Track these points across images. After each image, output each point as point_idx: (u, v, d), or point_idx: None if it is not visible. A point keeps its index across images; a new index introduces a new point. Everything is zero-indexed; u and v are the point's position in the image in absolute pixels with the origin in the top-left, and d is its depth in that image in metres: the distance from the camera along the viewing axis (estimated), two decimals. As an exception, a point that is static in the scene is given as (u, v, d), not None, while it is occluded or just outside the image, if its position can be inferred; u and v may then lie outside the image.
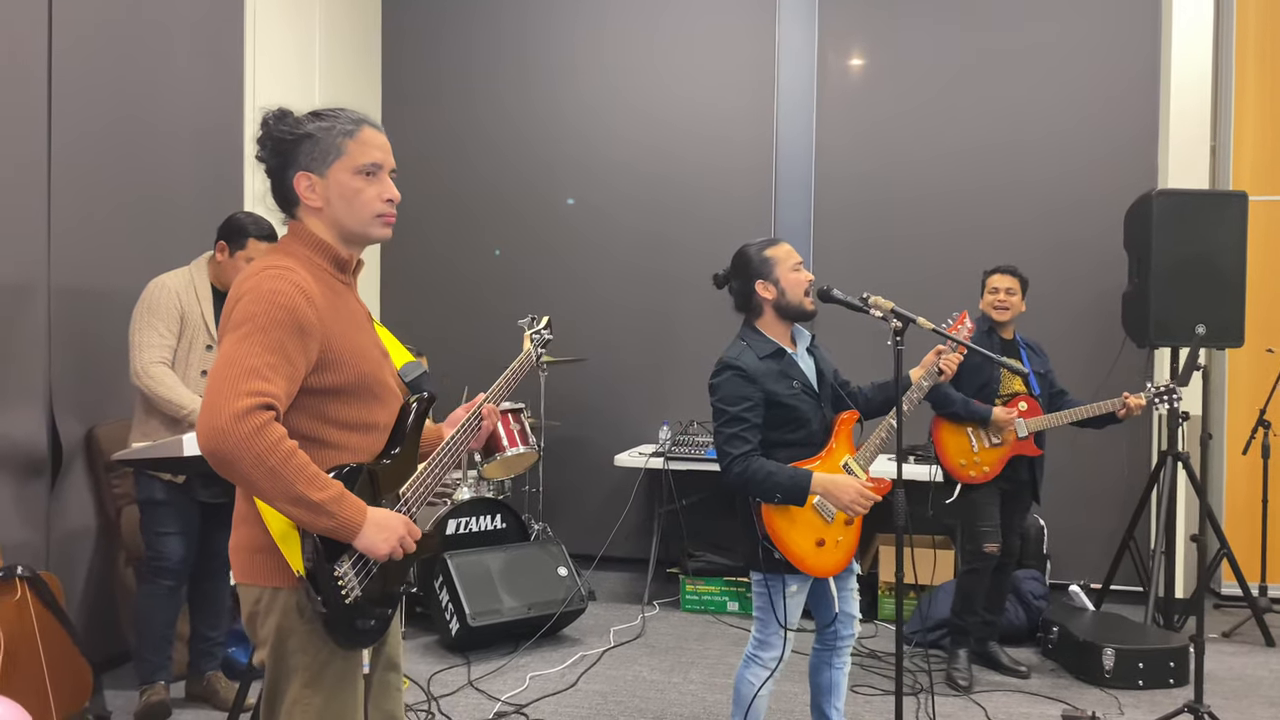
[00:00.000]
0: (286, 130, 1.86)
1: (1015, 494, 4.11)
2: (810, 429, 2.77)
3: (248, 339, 1.69)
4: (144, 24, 4.22)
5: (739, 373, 2.73)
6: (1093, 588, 5.10)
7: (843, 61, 5.72)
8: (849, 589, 2.90)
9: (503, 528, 4.80)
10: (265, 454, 1.63)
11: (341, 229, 1.89)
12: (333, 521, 1.70)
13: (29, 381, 3.66)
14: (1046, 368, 4.19)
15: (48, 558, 3.72)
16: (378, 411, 1.90)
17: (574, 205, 6.06)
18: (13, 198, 3.60)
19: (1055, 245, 5.41)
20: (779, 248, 2.86)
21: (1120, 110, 5.35)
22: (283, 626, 1.82)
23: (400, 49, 6.32)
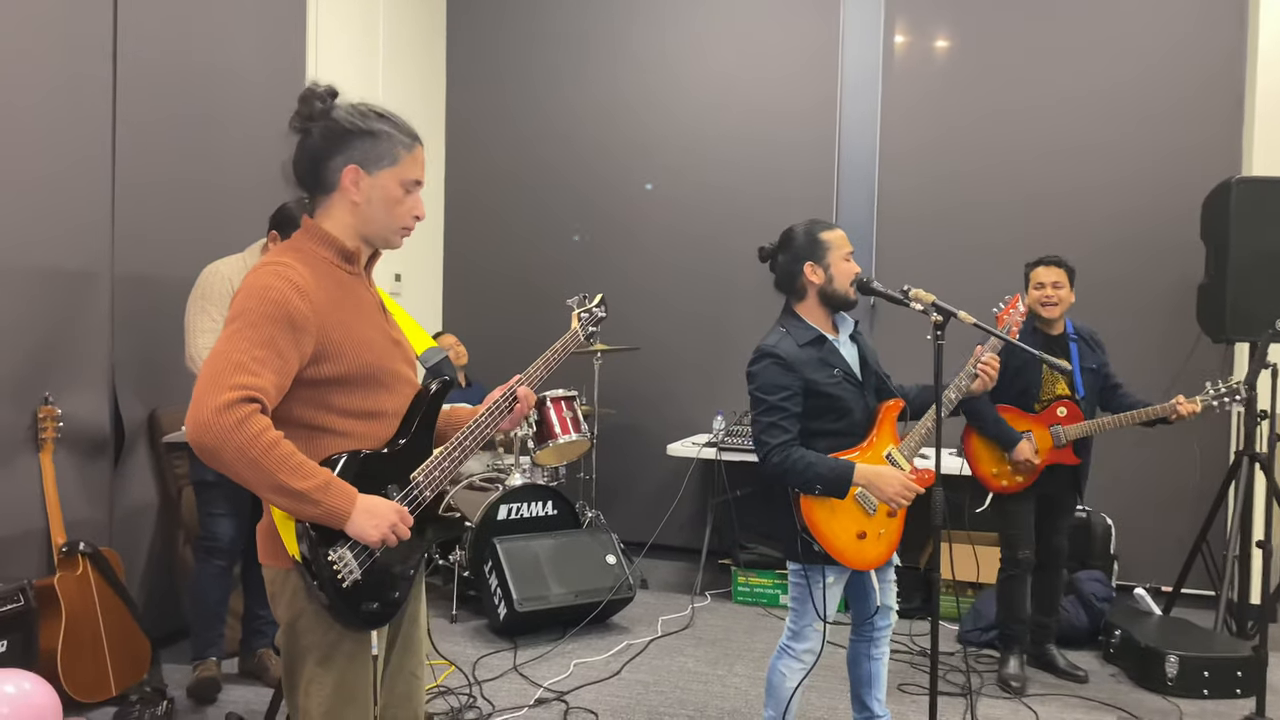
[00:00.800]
0: (349, 118, 1.88)
1: (1055, 498, 3.95)
2: (852, 418, 2.71)
3: (238, 334, 1.72)
4: (208, 12, 4.32)
5: (777, 361, 2.67)
6: (1163, 591, 4.92)
7: (910, 52, 5.57)
8: (888, 581, 2.84)
9: (554, 514, 4.82)
10: (246, 445, 1.65)
11: (367, 228, 1.92)
12: (318, 510, 1.72)
13: (93, 365, 3.79)
14: (1100, 361, 3.95)
15: (110, 535, 3.85)
16: (384, 399, 1.90)
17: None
18: (78, 188, 3.72)
19: (1129, 233, 5.19)
20: (834, 233, 2.79)
21: (1203, 93, 5.10)
22: (294, 607, 1.85)
23: (464, 35, 6.37)
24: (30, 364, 3.53)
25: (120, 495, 3.90)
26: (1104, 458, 4.96)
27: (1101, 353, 4.00)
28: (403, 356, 1.99)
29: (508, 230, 6.32)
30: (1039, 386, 3.88)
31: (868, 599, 2.84)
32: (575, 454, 5.20)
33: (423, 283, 6.23)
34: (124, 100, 3.89)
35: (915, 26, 5.56)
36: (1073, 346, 3.92)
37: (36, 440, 3.53)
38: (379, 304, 1.99)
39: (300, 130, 1.91)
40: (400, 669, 2.05)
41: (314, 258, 1.87)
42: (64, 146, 3.65)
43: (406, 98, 5.95)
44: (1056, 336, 3.91)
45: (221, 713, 3.49)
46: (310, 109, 1.89)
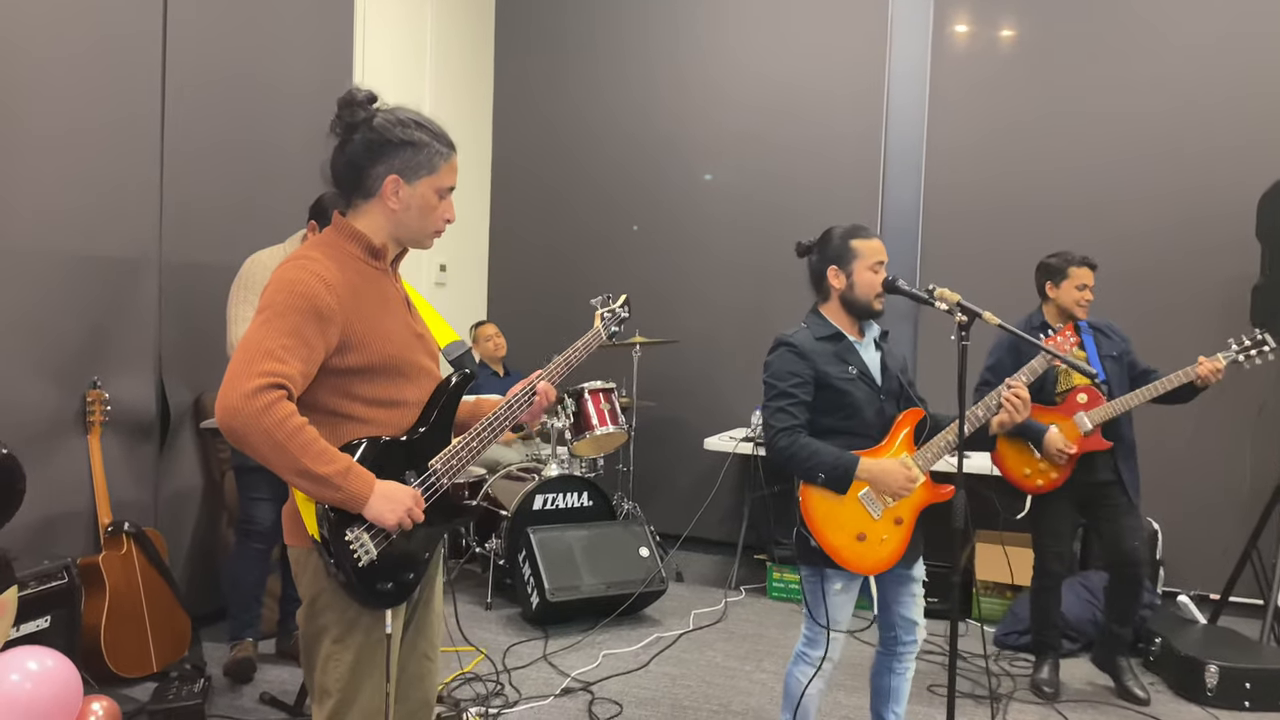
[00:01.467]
0: (393, 128, 1.93)
1: (1098, 496, 3.78)
2: (863, 417, 2.68)
3: (267, 323, 1.79)
4: (257, 7, 4.40)
5: (791, 348, 2.69)
6: (1211, 598, 4.80)
7: (960, 46, 5.48)
8: (911, 594, 2.79)
9: (589, 505, 4.85)
10: (272, 429, 1.72)
11: (401, 232, 1.99)
12: (339, 494, 1.79)
13: (140, 350, 3.91)
14: (1121, 349, 3.83)
15: (156, 516, 3.97)
16: (406, 389, 1.96)
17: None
18: (127, 177, 3.83)
19: (1183, 232, 5.05)
20: (867, 242, 2.76)
21: (1259, 89, 4.94)
22: (314, 585, 1.93)
23: (513, 27, 6.41)
24: (80, 349, 3.66)
25: (165, 477, 4.02)
26: (1151, 461, 4.84)
27: (1122, 340, 3.87)
28: (425, 349, 2.05)
29: (552, 221, 6.36)
30: (1054, 380, 3.77)
31: (888, 611, 2.81)
32: (613, 446, 5.23)
33: (467, 272, 6.30)
34: (172, 90, 3.99)
35: (966, 19, 5.46)
36: (1087, 338, 3.81)
37: (85, 423, 3.66)
38: (404, 298, 2.05)
39: (341, 136, 1.96)
40: (414, 650, 2.10)
41: (341, 253, 1.93)
42: (113, 136, 3.76)
43: (454, 88, 6.02)
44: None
45: (257, 691, 3.59)
46: (352, 115, 1.95)
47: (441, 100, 5.87)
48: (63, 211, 3.57)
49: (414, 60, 5.64)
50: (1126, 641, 3.90)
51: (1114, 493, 3.78)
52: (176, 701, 3.30)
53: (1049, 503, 3.82)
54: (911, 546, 2.71)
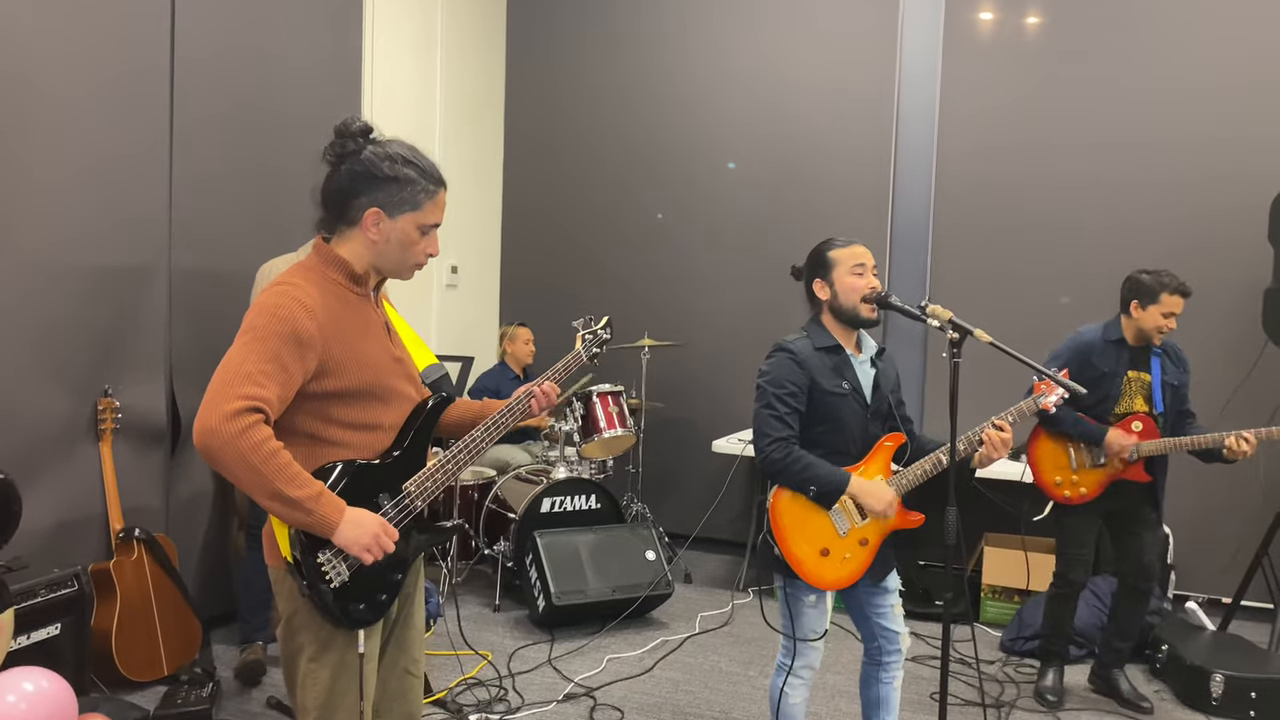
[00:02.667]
0: (380, 162, 1.97)
1: (1127, 511, 3.73)
2: (848, 434, 2.69)
3: (247, 346, 1.83)
4: (264, 9, 4.43)
5: (790, 355, 2.70)
6: (1222, 603, 4.77)
7: (972, 41, 5.43)
8: (888, 605, 2.80)
9: (597, 508, 4.88)
10: (248, 452, 1.76)
11: (381, 262, 2.03)
12: (310, 518, 1.83)
13: (151, 358, 3.96)
14: (1181, 380, 3.71)
15: (166, 521, 4.03)
16: (382, 413, 2.01)
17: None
18: (136, 184, 3.87)
19: (1196, 234, 5.00)
20: (844, 249, 2.77)
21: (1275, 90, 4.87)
22: (290, 605, 1.98)
23: (524, 18, 6.42)
24: (90, 357, 3.71)
25: (176, 483, 4.08)
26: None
27: (1184, 372, 3.75)
28: (404, 373, 2.08)
29: (565, 223, 6.37)
30: (1117, 399, 3.66)
31: (867, 623, 2.83)
32: (621, 449, 5.25)
33: (480, 273, 6.33)
34: (181, 96, 4.03)
35: (978, 14, 5.41)
36: (1155, 361, 3.69)
37: (96, 431, 3.72)
38: (384, 323, 2.08)
39: (331, 164, 2.01)
40: (394, 666, 2.15)
41: (323, 279, 1.98)
42: (121, 143, 3.81)
43: (464, 89, 6.04)
44: (1140, 349, 3.69)
45: (265, 695, 3.65)
46: (344, 146, 1.99)
47: (452, 101, 5.90)
48: (73, 222, 3.63)
49: (424, 61, 5.66)
50: (1125, 656, 3.89)
51: (1143, 509, 3.73)
52: (185, 706, 3.37)
53: (1077, 511, 3.75)
54: (881, 563, 2.73)
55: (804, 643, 2.72)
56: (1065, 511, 3.78)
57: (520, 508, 4.73)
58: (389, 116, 5.32)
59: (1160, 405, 3.67)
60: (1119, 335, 3.70)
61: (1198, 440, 3.54)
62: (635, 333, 5.62)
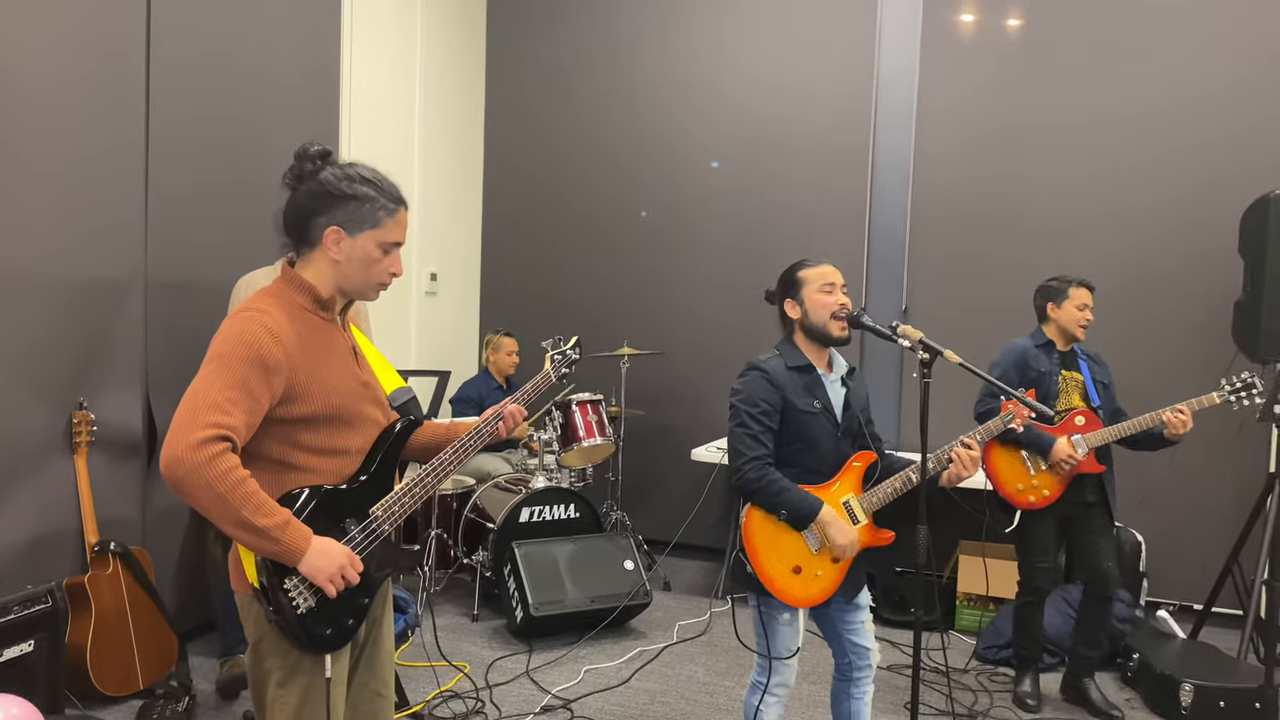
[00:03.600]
0: (339, 182, 1.98)
1: (1082, 515, 3.85)
2: (819, 452, 2.72)
3: (214, 374, 1.84)
4: (241, 16, 4.42)
5: (763, 374, 2.73)
6: (1194, 609, 4.83)
7: (949, 56, 5.47)
8: (859, 621, 2.83)
9: (576, 517, 4.89)
10: (214, 481, 1.77)
11: (344, 282, 2.04)
12: (276, 546, 1.84)
13: (127, 369, 3.94)
14: (1109, 379, 3.93)
15: (143, 534, 4.02)
16: (349, 437, 2.02)
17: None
18: (112, 197, 3.86)
19: (1171, 246, 5.06)
20: (815, 269, 2.80)
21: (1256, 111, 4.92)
22: (257, 630, 1.99)
23: (504, 25, 6.42)
24: (66, 370, 3.69)
25: (153, 495, 4.07)
26: (1136, 473, 4.89)
27: (1108, 372, 3.97)
28: (371, 397, 2.09)
29: (545, 230, 6.38)
30: (1057, 396, 3.83)
31: (838, 639, 2.85)
32: (600, 457, 5.27)
33: (459, 280, 6.33)
34: (157, 109, 4.01)
35: (954, 25, 5.45)
36: (1082, 363, 3.91)
37: (71, 444, 3.70)
38: (351, 347, 2.09)
39: (290, 187, 2.02)
40: (364, 689, 2.16)
41: (290, 304, 1.99)
42: (97, 155, 3.79)
43: (444, 95, 6.04)
44: (1067, 353, 3.92)
45: (242, 708, 3.64)
46: (301, 168, 2.01)
47: (432, 107, 5.89)
48: (49, 235, 3.61)
49: (404, 67, 5.65)
50: (1094, 664, 3.95)
51: (1097, 514, 3.87)
52: (160, 721, 3.36)
53: (1037, 519, 3.86)
54: (853, 581, 2.76)
55: (778, 660, 2.74)
56: (1027, 520, 3.88)
57: (499, 517, 4.73)
58: (368, 124, 5.31)
59: (1096, 399, 3.85)
60: (1046, 340, 3.92)
61: (1138, 422, 3.71)
62: (615, 341, 5.64)
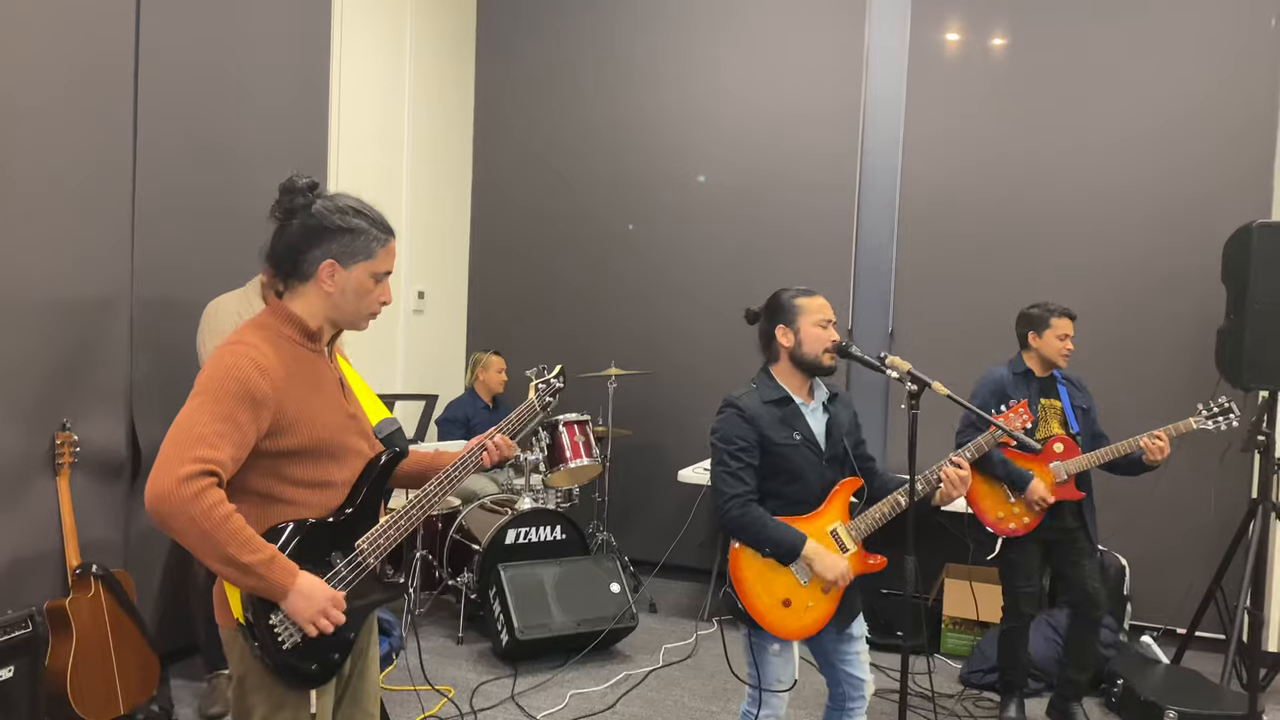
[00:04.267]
0: (331, 215, 1.98)
1: (1064, 540, 3.87)
2: (805, 483, 2.72)
3: (202, 407, 1.83)
4: (230, 40, 4.42)
5: (737, 411, 2.74)
6: (1177, 633, 4.85)
7: (936, 81, 5.51)
8: (854, 652, 2.83)
9: (562, 539, 4.88)
10: (200, 517, 1.76)
11: (336, 314, 2.04)
12: (261, 583, 1.84)
13: (112, 389, 3.92)
14: (1089, 404, 3.94)
15: (125, 555, 3.98)
16: (334, 470, 2.01)
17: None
18: (99, 214, 3.84)
19: (1156, 272, 5.10)
20: (812, 299, 2.81)
21: (1236, 133, 4.98)
22: (241, 665, 1.98)
23: (492, 49, 6.43)
24: (49, 390, 3.67)
25: (135, 516, 4.03)
26: (1119, 498, 4.90)
27: (1089, 397, 3.99)
28: (357, 429, 2.09)
29: (534, 248, 6.38)
30: (1034, 427, 3.85)
31: (833, 669, 2.85)
32: (587, 478, 5.26)
33: (447, 299, 6.32)
34: (145, 127, 4.00)
35: (944, 35, 5.50)
36: (1061, 389, 3.93)
37: (54, 465, 3.67)
38: (338, 379, 2.09)
39: (280, 220, 2.00)
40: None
41: (278, 336, 1.99)
42: (84, 174, 3.77)
43: (432, 115, 6.04)
44: (1046, 379, 3.93)
45: (223, 734, 3.61)
46: (291, 202, 1.99)
47: (420, 127, 5.90)
48: (31, 252, 3.58)
49: (392, 85, 5.66)
50: (1082, 688, 3.96)
51: (1079, 538, 3.89)
52: (140, 747, 3.32)
53: (1019, 545, 3.88)
54: (846, 610, 2.75)
55: (770, 694, 2.73)
56: (1010, 546, 3.90)
57: (484, 539, 4.72)
58: (356, 143, 5.31)
59: (1075, 426, 3.87)
60: (1024, 368, 3.93)
61: (1116, 449, 3.75)
62: (603, 361, 5.64)
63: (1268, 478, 4.34)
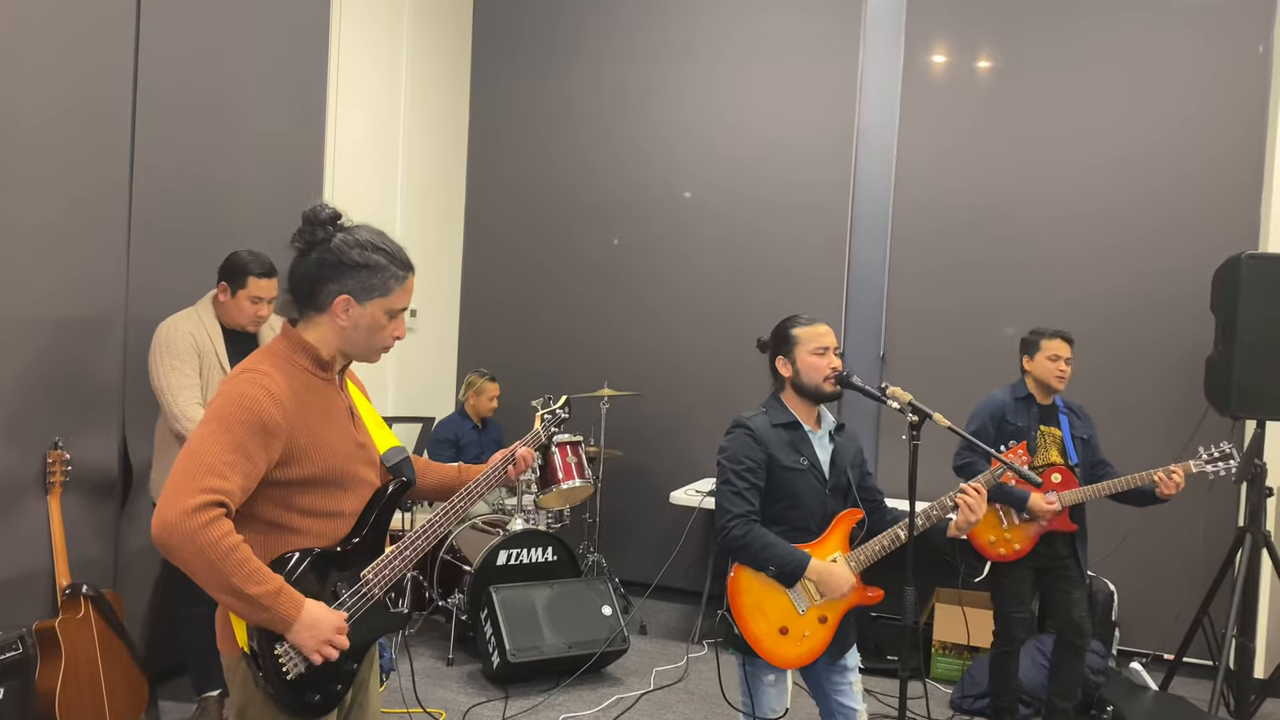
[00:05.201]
0: (350, 250, 1.96)
1: (1055, 568, 3.90)
2: (806, 509, 2.74)
3: (212, 436, 1.82)
4: (226, 62, 4.42)
5: (747, 432, 2.76)
6: (1165, 658, 4.87)
7: (927, 109, 5.57)
8: (848, 683, 2.84)
9: (553, 560, 4.87)
10: (207, 548, 1.75)
11: (348, 347, 2.03)
12: (267, 615, 1.83)
13: (104, 409, 3.90)
14: (1090, 433, 3.96)
15: (115, 575, 3.95)
16: (343, 500, 2.01)
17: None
18: (95, 234, 3.83)
19: (1144, 299, 5.16)
20: (808, 328, 2.83)
21: (1223, 162, 5.05)
22: (243, 694, 1.97)
23: (487, 74, 6.45)
24: (42, 409, 3.64)
25: (126, 536, 4.01)
26: (1108, 523, 4.93)
27: (1091, 425, 4.00)
28: (366, 459, 2.09)
29: (525, 272, 6.39)
30: (1034, 452, 3.87)
31: (826, 700, 2.86)
32: (579, 499, 5.25)
33: (439, 319, 6.31)
34: (142, 146, 3.99)
35: (934, 75, 5.56)
36: (1062, 418, 3.94)
37: (45, 484, 3.64)
38: (348, 408, 2.08)
39: (300, 249, 2.00)
40: None
41: (290, 364, 1.98)
42: (81, 194, 3.76)
43: (428, 138, 6.05)
44: (1048, 407, 3.94)
45: (212, 757, 3.58)
46: (313, 234, 1.98)
47: (415, 149, 5.91)
48: (27, 271, 3.57)
49: (388, 109, 5.67)
50: (1070, 716, 3.98)
51: (1069, 566, 3.92)
52: (130, 771, 3.29)
53: (1013, 571, 3.90)
54: (841, 640, 2.77)
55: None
56: (1002, 571, 3.92)
57: (476, 560, 4.70)
58: (352, 164, 5.31)
59: (1074, 457, 3.88)
60: (1026, 393, 3.94)
61: (1125, 481, 3.75)
62: (595, 382, 5.64)
63: (1256, 506, 4.38)
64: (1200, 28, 5.09)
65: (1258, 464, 3.78)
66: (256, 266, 3.62)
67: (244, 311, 3.64)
